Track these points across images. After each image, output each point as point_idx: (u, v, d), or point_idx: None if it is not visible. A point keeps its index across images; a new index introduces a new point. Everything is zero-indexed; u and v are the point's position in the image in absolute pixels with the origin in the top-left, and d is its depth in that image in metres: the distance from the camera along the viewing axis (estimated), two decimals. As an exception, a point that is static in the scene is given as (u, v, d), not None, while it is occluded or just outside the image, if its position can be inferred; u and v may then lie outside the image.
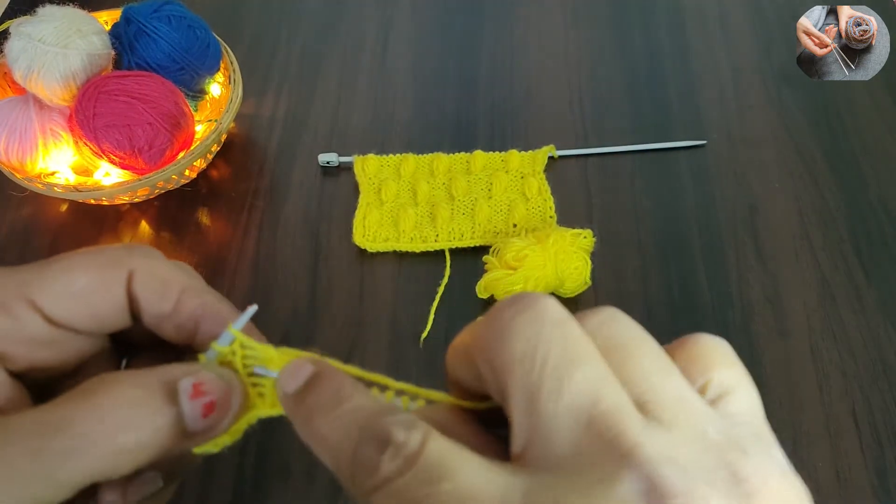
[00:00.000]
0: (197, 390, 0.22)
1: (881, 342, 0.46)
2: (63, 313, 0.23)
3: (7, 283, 0.23)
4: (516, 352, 0.17)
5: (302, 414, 0.21)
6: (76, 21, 0.47)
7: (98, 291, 0.24)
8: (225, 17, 0.66)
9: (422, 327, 0.47)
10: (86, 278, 0.24)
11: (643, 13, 0.67)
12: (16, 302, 0.23)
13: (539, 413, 0.17)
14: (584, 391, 0.17)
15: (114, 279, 0.24)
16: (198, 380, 0.22)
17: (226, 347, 0.23)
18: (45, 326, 0.23)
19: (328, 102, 0.60)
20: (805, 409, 0.44)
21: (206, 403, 0.22)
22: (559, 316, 0.18)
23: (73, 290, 0.23)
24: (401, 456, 0.17)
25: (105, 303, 0.24)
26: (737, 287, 0.49)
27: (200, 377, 0.22)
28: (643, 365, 0.18)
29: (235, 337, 0.23)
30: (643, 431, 0.16)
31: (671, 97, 0.60)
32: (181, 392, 0.22)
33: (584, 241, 0.47)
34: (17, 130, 0.48)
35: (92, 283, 0.24)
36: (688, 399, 0.17)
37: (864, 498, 0.41)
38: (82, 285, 0.24)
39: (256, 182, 0.55)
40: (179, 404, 0.22)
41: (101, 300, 0.24)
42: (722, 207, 0.53)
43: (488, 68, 0.62)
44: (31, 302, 0.23)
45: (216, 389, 0.22)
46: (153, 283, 0.25)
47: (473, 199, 0.52)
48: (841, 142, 0.57)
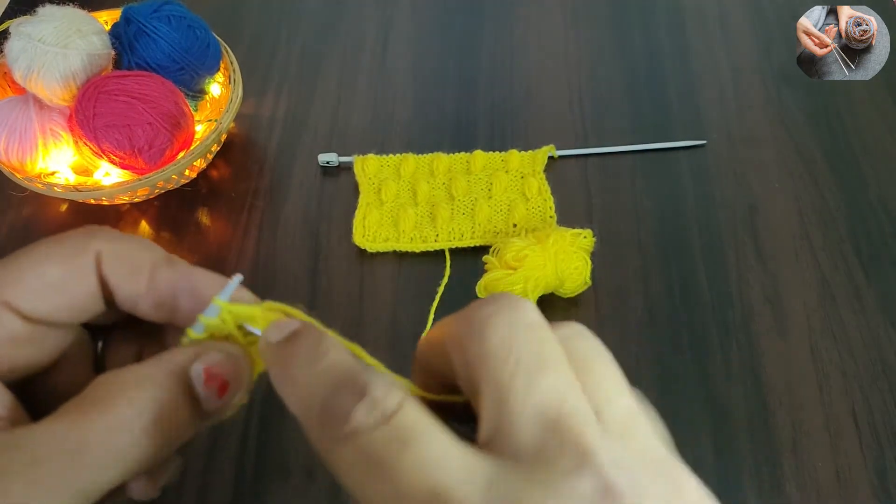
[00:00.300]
0: (208, 374, 0.22)
1: (881, 342, 0.46)
2: (38, 308, 0.23)
3: None
4: (491, 347, 0.18)
5: (279, 362, 0.21)
6: (76, 21, 0.47)
7: (71, 281, 0.23)
8: (225, 17, 0.66)
9: (422, 327, 0.47)
10: (56, 269, 0.23)
11: (643, 13, 0.67)
12: None
13: (507, 408, 0.18)
14: (551, 393, 0.18)
15: (83, 265, 0.24)
16: (206, 363, 0.22)
17: (213, 319, 0.23)
18: (22, 325, 0.23)
19: (328, 102, 0.60)
20: (805, 409, 0.44)
21: (219, 385, 0.22)
22: (535, 319, 0.19)
23: (44, 283, 0.23)
24: (376, 411, 0.18)
25: (79, 292, 0.24)
26: (737, 287, 0.49)
27: (208, 360, 0.22)
28: (602, 379, 0.19)
29: (221, 307, 0.23)
30: (601, 438, 0.17)
31: (671, 97, 0.60)
32: (194, 380, 0.22)
33: (584, 241, 0.47)
34: (17, 130, 0.48)
35: (63, 274, 0.23)
36: (637, 414, 0.19)
37: (864, 498, 0.41)
38: (54, 277, 0.23)
39: (256, 182, 0.55)
40: (195, 392, 0.22)
41: (75, 289, 0.24)
42: (722, 207, 0.53)
43: (488, 68, 0.62)
44: (5, 301, 0.22)
45: (226, 369, 0.22)
46: (122, 264, 0.24)
47: (473, 199, 0.52)
48: (841, 142, 0.57)
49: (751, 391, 0.44)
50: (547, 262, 0.45)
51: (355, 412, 0.18)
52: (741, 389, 0.44)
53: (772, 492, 0.41)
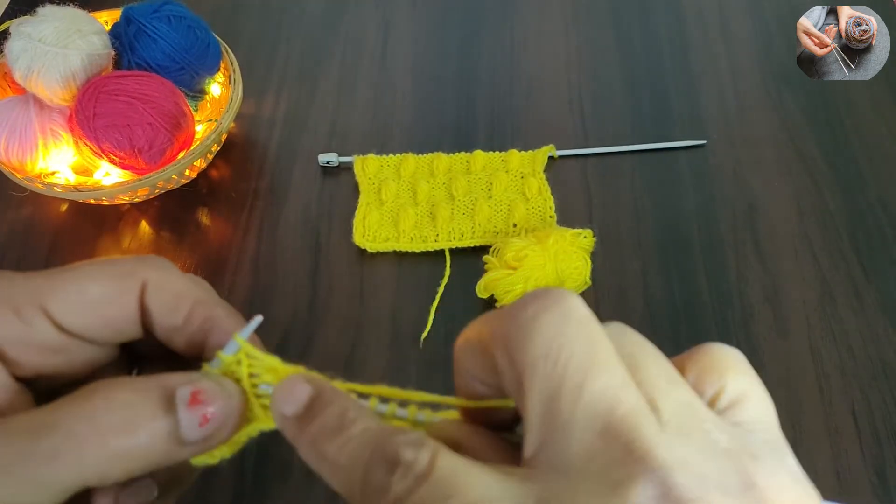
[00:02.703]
0: (195, 399, 0.21)
1: (881, 342, 0.46)
2: (74, 322, 0.23)
3: (21, 289, 0.23)
4: (539, 349, 0.17)
5: (306, 439, 0.21)
6: (76, 21, 0.47)
7: (110, 301, 0.24)
8: (225, 17, 0.66)
9: (422, 327, 0.47)
10: (99, 288, 0.24)
11: (643, 13, 0.67)
12: (28, 308, 0.23)
13: (557, 415, 0.17)
14: (603, 395, 0.17)
15: (126, 290, 0.24)
16: (197, 388, 0.22)
17: (230, 356, 0.23)
18: (55, 334, 0.23)
19: (328, 102, 0.60)
20: (805, 409, 0.44)
21: (203, 413, 0.22)
22: (584, 315, 0.18)
23: (85, 298, 0.23)
24: (410, 475, 0.17)
25: (117, 313, 0.24)
26: (737, 287, 0.49)
27: (200, 386, 0.22)
28: (652, 373, 0.18)
29: (240, 346, 0.23)
30: (658, 436, 0.16)
31: (671, 97, 0.60)
32: (179, 399, 0.21)
33: (584, 241, 0.47)
34: (17, 130, 0.48)
35: (105, 293, 0.24)
36: (696, 406, 0.17)
37: (864, 497, 0.41)
38: (95, 294, 0.23)
39: (256, 182, 0.55)
40: (176, 412, 0.21)
41: (113, 310, 0.24)
42: (722, 207, 0.53)
43: (488, 68, 0.62)
44: (44, 309, 0.23)
45: (215, 399, 0.22)
46: (165, 296, 0.24)
47: (473, 199, 0.52)
48: (841, 142, 0.57)
49: (751, 391, 0.44)
50: (547, 262, 0.45)
51: (392, 483, 0.17)
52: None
53: (772, 492, 0.41)
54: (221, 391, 0.22)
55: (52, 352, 0.23)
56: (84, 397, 0.21)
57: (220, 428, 0.22)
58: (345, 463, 0.19)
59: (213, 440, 0.22)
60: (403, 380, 0.45)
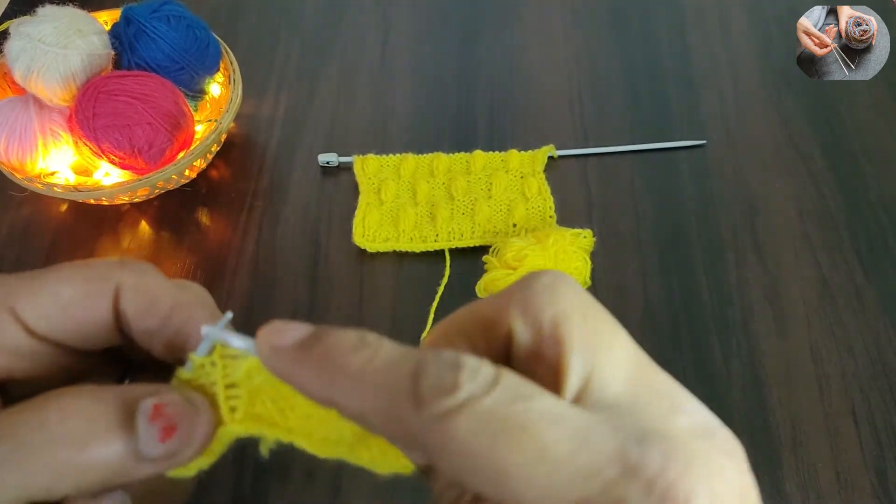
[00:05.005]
0: (157, 412, 0.20)
1: (881, 342, 0.46)
2: (44, 325, 0.22)
3: None
4: (573, 304, 0.19)
5: (314, 360, 0.19)
6: (76, 21, 0.47)
7: (82, 305, 0.23)
8: (225, 17, 0.66)
9: (422, 327, 0.47)
10: (70, 290, 0.23)
11: (643, 13, 0.67)
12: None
13: (599, 360, 0.18)
14: (633, 348, 0.19)
15: (99, 292, 0.23)
16: (161, 401, 0.20)
17: (203, 357, 0.22)
18: (25, 337, 0.22)
19: (328, 102, 0.60)
20: (805, 409, 0.44)
21: (164, 427, 0.20)
22: None
23: (56, 301, 0.22)
24: (480, 377, 0.17)
25: (89, 317, 0.23)
26: (737, 287, 0.49)
27: (164, 399, 0.20)
28: None
29: (214, 345, 0.21)
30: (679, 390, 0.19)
31: (671, 97, 0.60)
32: (140, 412, 0.20)
33: (583, 241, 0.47)
34: (17, 130, 0.48)
35: (76, 296, 0.23)
36: None
37: (864, 498, 0.41)
38: (66, 297, 0.23)
39: (256, 182, 0.55)
40: (136, 425, 0.20)
41: (84, 314, 0.23)
42: (722, 207, 0.53)
43: (488, 68, 0.62)
44: (13, 311, 0.22)
45: (179, 413, 0.20)
46: (140, 299, 0.23)
47: (473, 199, 0.52)
48: (841, 142, 0.57)
49: (751, 391, 0.44)
50: (547, 262, 0.45)
51: (461, 381, 0.16)
52: (741, 389, 0.44)
53: (772, 491, 0.41)
54: (188, 405, 0.21)
55: (22, 356, 0.23)
56: (38, 405, 0.20)
57: (186, 444, 0.21)
58: (376, 377, 0.18)
59: (178, 456, 0.21)
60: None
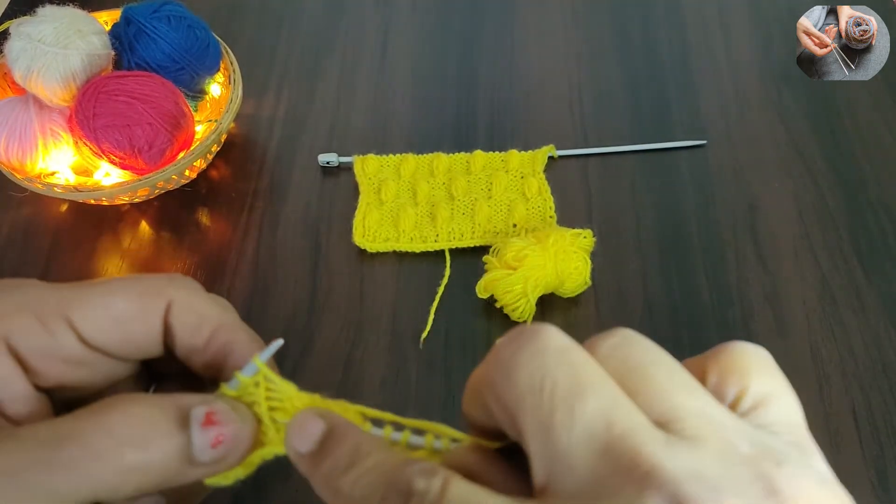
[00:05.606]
0: (209, 419, 0.22)
1: (881, 342, 0.46)
2: (99, 336, 0.23)
3: (48, 299, 0.23)
4: (523, 386, 0.17)
5: (321, 475, 0.21)
6: (76, 21, 0.47)
7: (135, 318, 0.24)
8: (225, 17, 0.66)
9: (422, 327, 0.47)
10: (125, 304, 0.24)
11: (643, 13, 0.67)
12: (54, 319, 0.23)
13: (555, 445, 0.17)
14: (596, 417, 0.16)
15: (152, 308, 0.24)
16: (211, 409, 0.22)
17: (248, 378, 0.23)
18: (79, 347, 0.23)
19: (328, 102, 0.60)
20: (805, 409, 0.43)
21: (216, 434, 0.22)
22: (562, 344, 0.18)
23: (111, 314, 0.23)
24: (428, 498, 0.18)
25: (141, 330, 0.24)
26: (737, 287, 0.49)
27: (215, 407, 0.22)
28: (661, 384, 0.17)
29: (259, 369, 0.23)
30: (664, 449, 0.16)
31: (671, 97, 0.60)
32: (193, 419, 0.22)
33: (584, 241, 0.47)
34: (17, 130, 0.48)
35: (130, 310, 0.24)
36: (712, 413, 0.17)
37: (864, 497, 0.41)
38: (120, 310, 0.24)
39: (256, 182, 0.55)
40: (190, 431, 0.21)
41: (137, 327, 0.24)
42: (722, 207, 0.53)
43: (488, 68, 0.62)
44: (69, 321, 0.23)
45: (228, 421, 0.22)
46: (189, 317, 0.25)
47: (473, 199, 0.52)
48: (841, 142, 0.57)
49: (751, 391, 0.44)
50: (547, 262, 0.45)
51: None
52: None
53: (772, 492, 0.41)
54: (235, 415, 0.22)
55: (74, 364, 0.23)
56: (102, 410, 0.21)
57: (232, 451, 0.22)
58: (359, 498, 0.19)
59: (223, 463, 0.22)
60: (403, 380, 0.45)
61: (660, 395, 0.17)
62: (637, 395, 0.17)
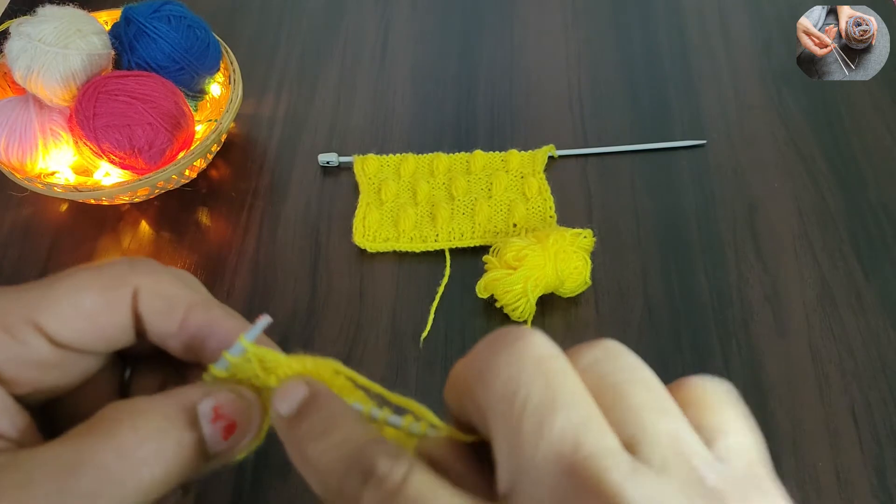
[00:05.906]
0: (216, 413, 0.22)
1: (881, 342, 0.46)
2: (69, 335, 0.23)
3: (11, 306, 0.22)
4: (497, 392, 0.17)
5: (294, 439, 0.21)
6: (76, 21, 0.47)
7: (104, 312, 0.23)
8: (225, 17, 0.66)
9: (422, 327, 0.47)
10: (91, 299, 0.23)
11: (643, 13, 0.67)
12: (21, 325, 0.22)
13: (521, 457, 0.16)
14: (565, 435, 0.16)
15: (119, 299, 0.23)
16: (217, 402, 0.22)
17: (237, 358, 0.23)
18: (50, 349, 0.23)
19: (328, 102, 0.60)
20: (805, 408, 0.44)
21: (226, 425, 0.22)
22: (542, 352, 0.17)
23: (78, 311, 0.23)
24: (383, 488, 0.17)
25: (111, 323, 0.23)
26: (737, 287, 0.49)
27: (219, 399, 0.22)
28: (635, 404, 0.17)
29: (247, 349, 0.23)
30: (629, 477, 0.15)
31: (671, 97, 0.60)
32: (201, 417, 0.21)
33: (584, 240, 0.47)
34: (17, 130, 0.48)
35: (97, 304, 0.23)
36: (684, 440, 0.17)
37: (864, 497, 0.41)
38: (88, 306, 0.23)
39: (256, 182, 0.55)
40: (200, 429, 0.21)
41: (107, 321, 0.23)
42: (722, 207, 0.53)
43: (488, 68, 0.62)
44: (36, 325, 0.22)
45: (235, 410, 0.22)
46: (158, 302, 0.24)
47: (473, 198, 0.52)
48: (841, 142, 0.57)
49: (750, 391, 0.44)
50: (547, 262, 0.45)
51: (364, 494, 0.18)
52: (741, 389, 0.44)
53: (772, 492, 0.41)
54: (240, 400, 0.22)
55: (48, 367, 0.23)
56: (107, 429, 0.20)
57: (244, 435, 0.22)
58: (324, 467, 0.19)
59: (238, 447, 0.23)
60: (403, 380, 0.45)
61: (633, 416, 0.17)
62: (611, 412, 0.17)
